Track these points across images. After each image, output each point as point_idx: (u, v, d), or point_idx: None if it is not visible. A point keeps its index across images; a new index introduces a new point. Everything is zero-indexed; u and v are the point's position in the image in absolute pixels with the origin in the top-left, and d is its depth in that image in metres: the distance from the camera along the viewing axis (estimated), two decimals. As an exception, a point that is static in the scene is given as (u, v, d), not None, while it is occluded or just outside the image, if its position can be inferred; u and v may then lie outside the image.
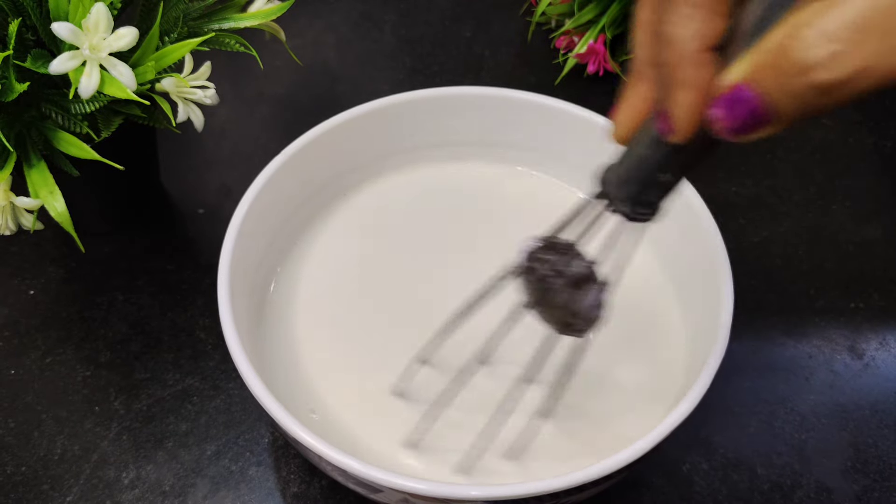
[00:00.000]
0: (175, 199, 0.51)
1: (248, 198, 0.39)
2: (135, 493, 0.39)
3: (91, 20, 0.35)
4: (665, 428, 0.31)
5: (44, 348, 0.44)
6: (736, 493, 0.39)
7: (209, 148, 0.54)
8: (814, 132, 0.55)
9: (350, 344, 0.39)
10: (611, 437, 0.36)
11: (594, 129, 0.42)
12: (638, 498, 0.39)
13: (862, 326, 0.45)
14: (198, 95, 0.41)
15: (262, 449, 0.40)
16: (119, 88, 0.36)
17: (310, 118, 0.42)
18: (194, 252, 0.48)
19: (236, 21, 0.43)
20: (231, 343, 0.34)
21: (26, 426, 0.41)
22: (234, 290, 0.36)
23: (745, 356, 0.44)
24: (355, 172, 0.45)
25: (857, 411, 0.42)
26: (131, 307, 0.45)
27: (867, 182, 0.53)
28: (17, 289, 0.46)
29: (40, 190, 0.38)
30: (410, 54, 0.60)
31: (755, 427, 0.41)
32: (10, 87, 0.36)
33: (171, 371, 0.43)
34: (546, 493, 0.30)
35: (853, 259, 0.48)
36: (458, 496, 0.30)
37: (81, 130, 0.39)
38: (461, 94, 0.44)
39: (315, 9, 0.63)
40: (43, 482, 0.39)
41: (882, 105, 0.57)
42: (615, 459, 0.30)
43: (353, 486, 0.33)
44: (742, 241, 0.49)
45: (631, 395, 0.37)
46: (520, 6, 0.63)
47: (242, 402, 0.42)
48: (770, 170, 0.53)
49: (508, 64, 0.60)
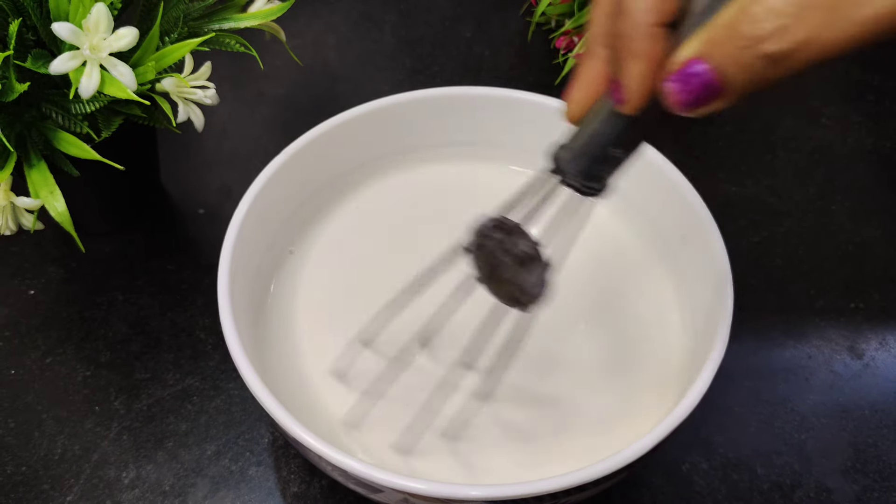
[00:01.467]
0: (175, 199, 0.51)
1: (248, 198, 0.39)
2: (135, 492, 0.39)
3: (91, 20, 0.35)
4: (665, 428, 0.31)
5: (44, 348, 0.44)
6: (736, 493, 0.39)
7: (209, 148, 0.54)
8: (814, 132, 0.55)
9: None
10: (611, 436, 0.36)
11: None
12: (638, 498, 0.39)
13: (862, 326, 0.45)
14: (198, 95, 0.41)
15: (262, 449, 0.40)
16: (119, 88, 0.36)
17: (310, 118, 0.42)
18: (194, 252, 0.48)
19: (236, 21, 0.43)
20: (231, 343, 0.34)
21: (26, 426, 0.41)
22: (234, 290, 0.36)
23: (745, 356, 0.44)
24: (355, 172, 0.45)
25: (857, 411, 0.42)
26: (131, 307, 0.45)
27: (867, 182, 0.53)
28: (17, 289, 0.46)
29: (40, 190, 0.38)
30: (410, 54, 0.60)
31: (755, 427, 0.41)
32: (10, 87, 0.36)
33: (171, 371, 0.43)
34: (546, 493, 0.30)
35: (853, 259, 0.48)
36: (458, 496, 0.30)
37: (82, 130, 0.39)
38: (461, 94, 0.44)
39: (315, 9, 0.63)
40: (43, 482, 0.39)
41: (882, 105, 0.57)
42: (615, 459, 0.30)
43: (353, 486, 0.33)
44: (742, 241, 0.49)
45: (631, 394, 0.37)
46: (520, 6, 0.63)
47: (242, 402, 0.42)
48: (770, 170, 0.53)
49: (508, 64, 0.60)
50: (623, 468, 0.30)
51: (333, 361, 0.38)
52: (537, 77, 0.58)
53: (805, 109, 0.57)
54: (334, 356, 0.39)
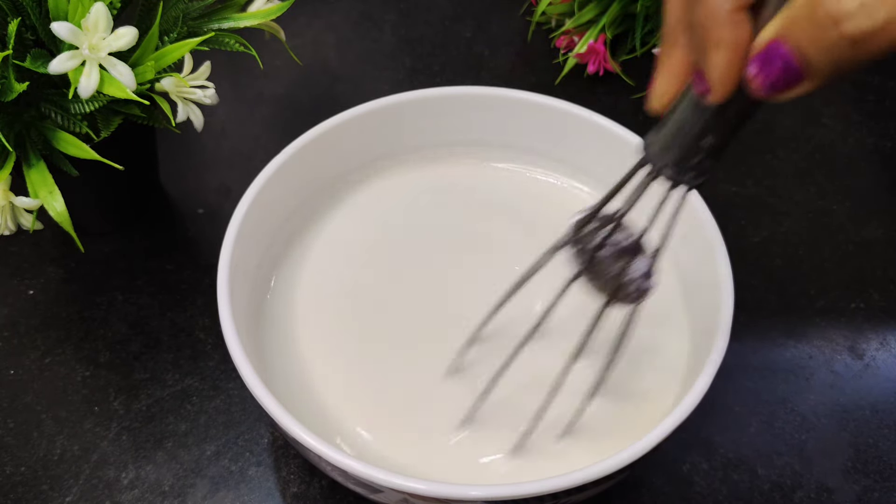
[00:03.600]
0: (175, 199, 0.51)
1: (248, 198, 0.39)
2: (134, 493, 0.39)
3: (90, 20, 0.35)
4: (665, 428, 0.31)
5: (43, 348, 0.44)
6: (736, 493, 0.39)
7: (209, 148, 0.54)
8: (814, 132, 0.55)
9: (350, 343, 0.39)
10: (610, 437, 0.36)
11: (594, 128, 0.42)
12: (638, 498, 0.39)
13: (862, 326, 0.45)
14: (197, 95, 0.41)
15: (262, 449, 0.40)
16: (119, 88, 0.36)
17: (310, 118, 0.42)
18: (194, 252, 0.48)
19: (236, 21, 0.43)
20: (231, 343, 0.34)
21: (26, 426, 0.41)
22: (234, 290, 0.36)
23: (746, 356, 0.44)
24: (355, 172, 0.45)
25: (858, 411, 0.42)
26: (131, 307, 0.45)
27: (867, 182, 0.53)
28: (16, 289, 0.46)
29: (40, 190, 0.38)
30: (410, 54, 0.60)
31: (755, 427, 0.41)
32: (9, 86, 0.36)
33: (170, 371, 0.43)
34: (546, 494, 0.30)
35: (853, 259, 0.48)
36: (458, 496, 0.30)
37: (81, 130, 0.39)
38: (461, 94, 0.44)
39: (315, 9, 0.63)
40: (42, 482, 0.39)
41: (882, 105, 0.57)
42: (615, 459, 0.30)
43: (353, 486, 0.33)
44: (742, 241, 0.49)
45: (631, 394, 0.37)
46: (520, 6, 0.63)
47: (242, 402, 0.42)
48: (770, 170, 0.53)
49: (508, 64, 0.60)
50: (623, 468, 0.30)
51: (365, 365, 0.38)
52: (537, 77, 0.58)
53: (805, 109, 0.57)
54: (334, 356, 0.39)
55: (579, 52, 0.56)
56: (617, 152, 0.41)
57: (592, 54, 0.56)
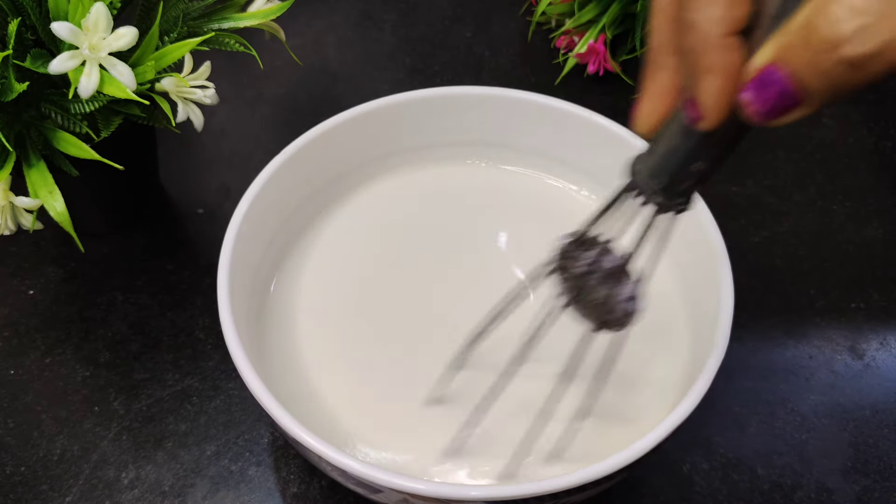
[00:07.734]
0: (175, 199, 0.51)
1: (248, 198, 0.39)
2: (134, 493, 0.39)
3: (90, 20, 0.35)
4: (665, 428, 0.31)
5: (43, 348, 0.44)
6: (736, 493, 0.39)
7: (209, 148, 0.54)
8: (814, 132, 0.55)
9: (350, 344, 0.39)
10: (611, 437, 0.36)
11: (594, 128, 0.42)
12: (638, 498, 0.39)
13: (862, 326, 0.45)
14: (197, 95, 0.41)
15: (262, 449, 0.40)
16: (119, 88, 0.36)
17: (310, 118, 0.42)
18: (194, 252, 0.48)
19: (236, 21, 0.43)
20: (231, 343, 0.34)
21: (26, 426, 0.41)
22: (234, 290, 0.36)
23: (746, 356, 0.44)
24: (355, 172, 0.45)
25: (858, 411, 0.42)
26: (131, 307, 0.45)
27: (867, 182, 0.52)
28: (16, 289, 0.46)
29: (40, 190, 0.38)
30: (410, 54, 0.60)
31: (755, 427, 0.41)
32: (9, 86, 0.36)
33: (170, 371, 0.43)
34: (546, 494, 0.30)
35: (853, 259, 0.48)
36: (458, 496, 0.30)
37: (81, 130, 0.39)
38: (461, 94, 0.44)
39: (315, 8, 0.63)
40: (42, 482, 0.39)
41: (882, 105, 0.57)
42: (615, 460, 0.30)
43: (353, 486, 0.33)
44: (742, 241, 0.49)
45: (631, 395, 0.37)
46: (520, 6, 0.63)
47: (242, 402, 0.42)
48: (770, 170, 0.53)
49: (508, 64, 0.60)
50: (623, 468, 0.30)
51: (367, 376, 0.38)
52: (538, 77, 0.58)
53: (805, 109, 0.57)
54: (334, 356, 0.39)
55: (579, 52, 0.56)
56: (617, 152, 0.41)
57: (592, 54, 0.56)
